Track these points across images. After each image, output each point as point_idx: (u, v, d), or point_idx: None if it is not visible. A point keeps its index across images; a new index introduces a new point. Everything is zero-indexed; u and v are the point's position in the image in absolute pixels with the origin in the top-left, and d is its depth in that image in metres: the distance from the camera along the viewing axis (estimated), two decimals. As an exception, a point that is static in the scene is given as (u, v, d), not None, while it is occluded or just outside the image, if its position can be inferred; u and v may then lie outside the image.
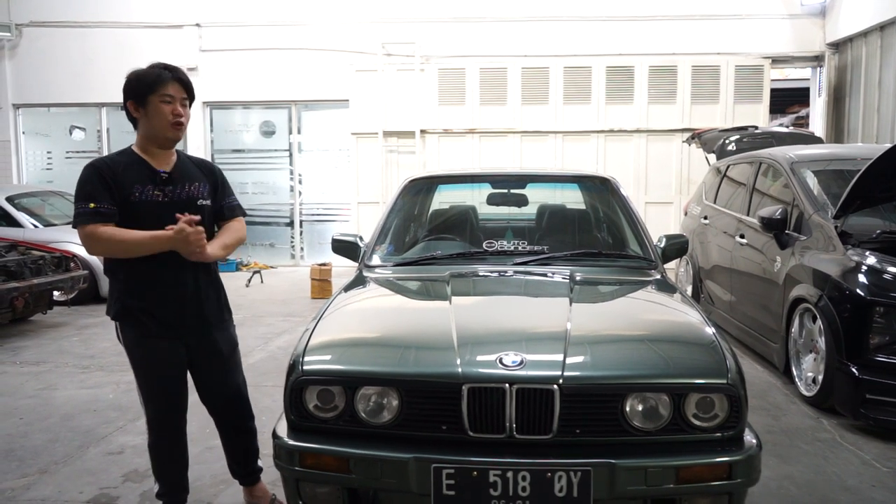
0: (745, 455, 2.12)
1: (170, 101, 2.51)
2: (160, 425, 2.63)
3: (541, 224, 3.95)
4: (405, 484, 2.08)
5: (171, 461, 2.69)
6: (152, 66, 2.56)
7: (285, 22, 10.45)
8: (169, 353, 2.58)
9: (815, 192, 4.73)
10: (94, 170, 2.51)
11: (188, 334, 2.61)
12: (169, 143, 2.60)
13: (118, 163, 2.54)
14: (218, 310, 2.70)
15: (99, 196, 2.45)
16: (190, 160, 2.73)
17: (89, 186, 2.48)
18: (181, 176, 2.60)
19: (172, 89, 2.52)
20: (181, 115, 2.54)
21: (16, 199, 8.31)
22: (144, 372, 2.59)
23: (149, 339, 2.55)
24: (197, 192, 2.61)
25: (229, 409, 2.77)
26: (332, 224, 10.91)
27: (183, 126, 2.56)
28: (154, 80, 2.51)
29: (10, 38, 10.87)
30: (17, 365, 5.31)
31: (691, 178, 9.52)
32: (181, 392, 2.64)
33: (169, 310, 2.55)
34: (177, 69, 2.58)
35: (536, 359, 2.20)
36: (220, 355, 2.69)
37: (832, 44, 9.83)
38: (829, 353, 3.92)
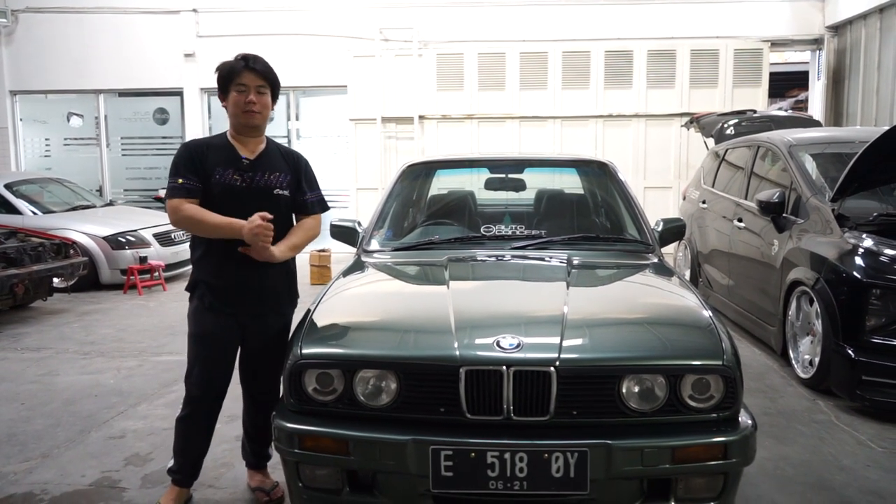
0: (741, 435, 2.14)
1: (243, 90, 2.62)
2: (196, 399, 2.71)
3: (539, 209, 3.96)
4: (404, 465, 2.11)
5: (195, 439, 2.75)
6: (232, 59, 2.67)
7: (282, 7, 10.39)
8: (222, 329, 2.67)
9: (812, 175, 4.73)
10: (185, 148, 2.69)
11: (245, 315, 2.69)
12: (247, 130, 2.68)
13: (210, 144, 2.70)
14: (278, 297, 2.77)
15: (185, 172, 2.60)
16: (279, 150, 2.80)
17: (179, 163, 2.63)
18: (263, 164, 2.68)
19: (246, 78, 2.62)
20: (252, 101, 2.61)
21: (14, 186, 8.30)
22: (196, 344, 2.70)
23: (205, 312, 2.66)
24: (276, 182, 2.69)
25: (264, 392, 2.82)
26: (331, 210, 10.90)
27: (254, 113, 2.63)
28: (229, 72, 2.64)
29: (6, 25, 10.81)
30: (18, 351, 5.33)
31: (690, 162, 9.51)
32: (224, 372, 2.73)
33: (230, 289, 2.64)
34: (252, 58, 2.66)
35: (533, 341, 2.22)
36: (270, 341, 2.75)
37: (831, 26, 9.79)
38: (825, 335, 3.94)
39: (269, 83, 2.67)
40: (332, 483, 2.25)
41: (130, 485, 3.01)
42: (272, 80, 2.69)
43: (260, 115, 2.66)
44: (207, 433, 2.80)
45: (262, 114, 2.67)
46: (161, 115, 11.18)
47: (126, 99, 11.23)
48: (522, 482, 2.07)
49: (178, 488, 2.77)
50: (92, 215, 8.32)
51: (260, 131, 2.74)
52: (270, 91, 2.69)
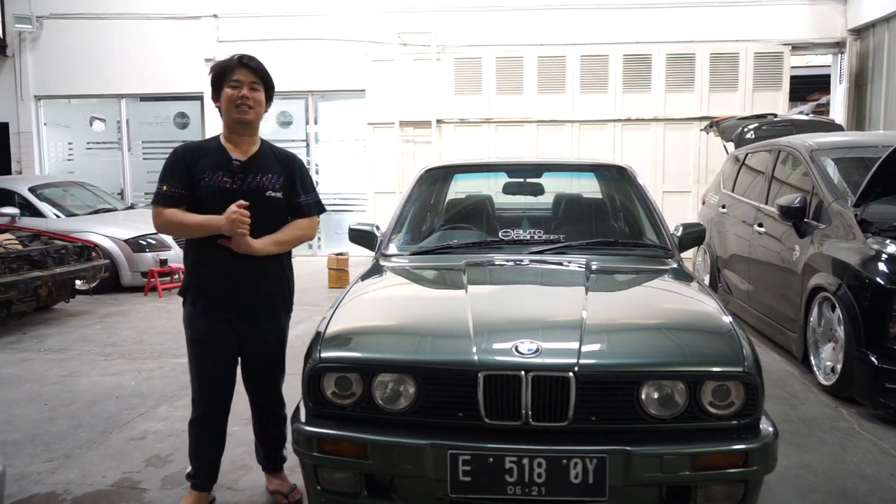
0: (761, 443, 2.12)
1: (237, 86, 2.62)
2: (203, 404, 2.73)
3: (557, 213, 3.95)
4: (422, 470, 2.11)
5: (207, 442, 2.77)
6: (223, 59, 2.70)
7: (302, 12, 10.46)
8: (217, 334, 2.67)
9: (834, 180, 4.68)
10: (173, 154, 2.68)
11: (238, 319, 2.68)
12: (240, 128, 2.66)
13: (201, 148, 2.69)
14: (272, 301, 2.74)
15: (170, 179, 2.62)
16: (273, 151, 2.78)
17: (167, 169, 2.65)
18: (255, 166, 2.66)
19: (240, 74, 2.62)
20: (246, 96, 2.61)
21: (38, 189, 8.43)
22: (193, 349, 2.71)
23: (200, 317, 2.66)
24: (268, 184, 2.66)
25: (267, 397, 2.84)
26: (348, 214, 10.94)
27: (247, 108, 2.62)
28: (223, 69, 2.65)
29: (31, 31, 10.99)
30: (41, 352, 5.40)
31: (709, 166, 9.43)
32: (225, 374, 2.73)
33: (221, 293, 2.64)
34: (246, 56, 2.67)
35: (552, 346, 2.21)
36: (266, 344, 2.76)
37: (854, 29, 9.68)
38: (848, 342, 3.89)
39: (262, 81, 2.66)
40: (350, 487, 2.25)
41: (151, 486, 3.04)
42: (266, 78, 2.69)
43: (253, 111, 2.64)
44: (219, 435, 2.80)
45: (256, 110, 2.64)
46: (181, 120, 11.29)
47: (147, 103, 11.36)
48: (541, 488, 2.06)
49: (197, 493, 2.78)
50: (113, 218, 8.42)
51: (253, 130, 2.71)
52: (264, 90, 2.68)
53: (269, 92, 2.72)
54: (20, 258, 6.09)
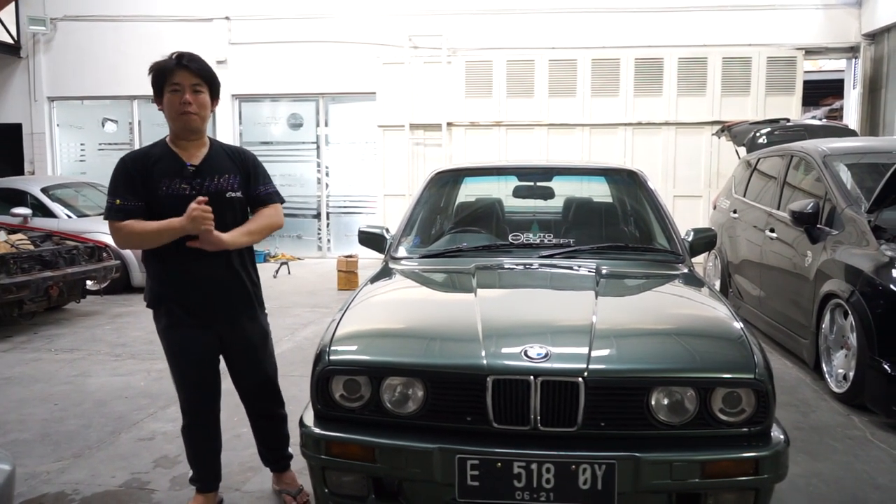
0: (773, 451, 2.10)
1: (177, 90, 2.48)
2: (192, 411, 2.70)
3: (567, 217, 3.93)
4: (430, 474, 2.10)
5: (203, 447, 2.75)
6: (162, 59, 2.52)
7: (313, 15, 10.50)
8: (198, 341, 2.62)
9: (847, 185, 4.64)
10: (122, 165, 2.54)
11: (218, 324, 2.64)
12: (186, 133, 2.55)
13: (150, 156, 2.55)
14: (248, 301, 2.69)
15: (123, 192, 2.49)
16: (223, 150, 2.67)
17: (116, 182, 2.53)
18: (210, 168, 2.56)
19: (179, 77, 2.47)
20: (188, 102, 2.47)
21: (50, 190, 8.48)
22: (175, 359, 2.65)
23: (178, 327, 2.59)
24: (226, 185, 2.57)
25: (259, 397, 2.82)
26: (358, 216, 10.97)
27: (191, 115, 2.49)
28: (161, 72, 2.50)
29: (45, 32, 11.08)
30: (51, 352, 5.43)
31: (721, 171, 9.39)
32: (211, 379, 2.69)
33: (198, 300, 2.58)
34: (186, 56, 2.50)
35: (561, 351, 2.20)
36: (250, 345, 2.72)
37: (868, 34, 9.61)
38: (860, 349, 3.86)
39: (205, 81, 2.51)
40: (357, 490, 2.25)
41: (159, 486, 3.04)
42: (208, 77, 2.52)
43: (198, 116, 2.50)
44: (214, 438, 2.78)
45: (201, 114, 2.51)
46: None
47: (159, 105, 11.42)
48: (549, 493, 2.05)
49: (202, 495, 2.78)
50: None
51: (200, 134, 2.58)
52: (208, 90, 2.53)
53: (213, 89, 2.55)
54: (32, 258, 6.13)
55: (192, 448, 2.75)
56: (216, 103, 2.62)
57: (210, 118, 2.64)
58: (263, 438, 2.90)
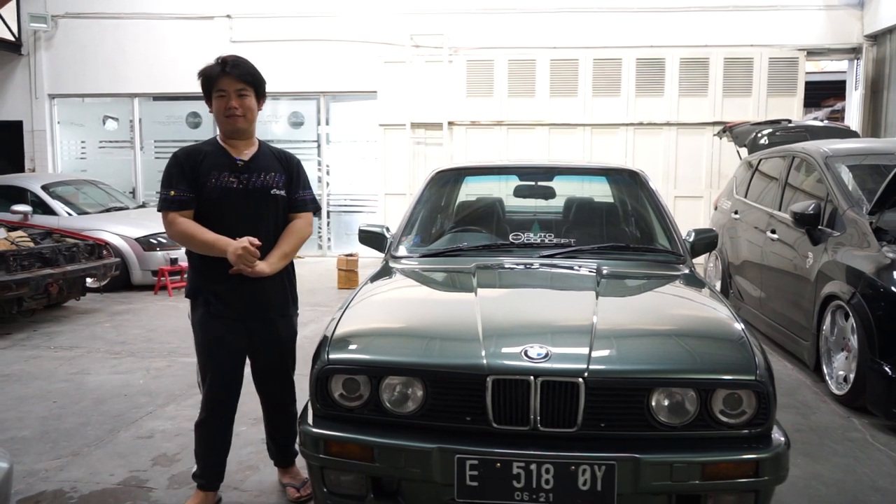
0: (773, 453, 2.10)
1: (223, 96, 2.61)
2: (212, 404, 2.74)
3: (568, 217, 3.92)
4: (429, 474, 2.09)
5: (214, 442, 2.78)
6: (209, 65, 2.64)
7: (314, 13, 10.48)
8: (230, 335, 2.68)
9: (849, 187, 4.63)
10: (174, 159, 2.66)
11: (251, 319, 2.70)
12: (234, 135, 2.67)
13: (200, 151, 2.68)
14: (283, 301, 2.79)
15: (176, 184, 2.62)
16: (271, 151, 2.81)
17: (170, 176, 2.64)
18: (257, 166, 2.68)
19: (224, 83, 2.60)
20: (234, 107, 2.59)
21: (51, 187, 8.48)
22: (205, 350, 2.71)
23: (213, 319, 2.67)
24: (272, 182, 2.69)
25: (278, 394, 2.87)
26: (359, 215, 10.95)
27: (237, 118, 2.61)
28: (207, 79, 2.63)
29: (46, 30, 11.07)
30: (51, 350, 5.43)
31: (722, 172, 9.38)
32: (237, 374, 2.75)
33: (235, 295, 2.65)
34: (230, 62, 2.61)
35: (562, 352, 2.19)
36: (279, 343, 2.78)
37: (870, 35, 9.59)
38: (861, 351, 3.85)
39: (249, 85, 2.63)
40: (356, 489, 2.24)
41: (158, 485, 3.04)
42: (253, 81, 2.64)
43: (244, 119, 2.63)
44: (226, 436, 2.82)
45: (247, 117, 2.64)
46: (193, 119, 11.33)
47: (160, 103, 11.41)
48: (548, 494, 2.04)
49: (203, 493, 2.79)
50: (125, 217, 8.46)
51: (248, 134, 2.71)
52: (254, 92, 2.65)
53: (258, 90, 2.68)
54: (32, 256, 6.12)
55: (204, 443, 2.78)
56: (262, 103, 2.75)
57: (257, 118, 2.74)
58: (274, 433, 2.94)
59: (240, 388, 2.78)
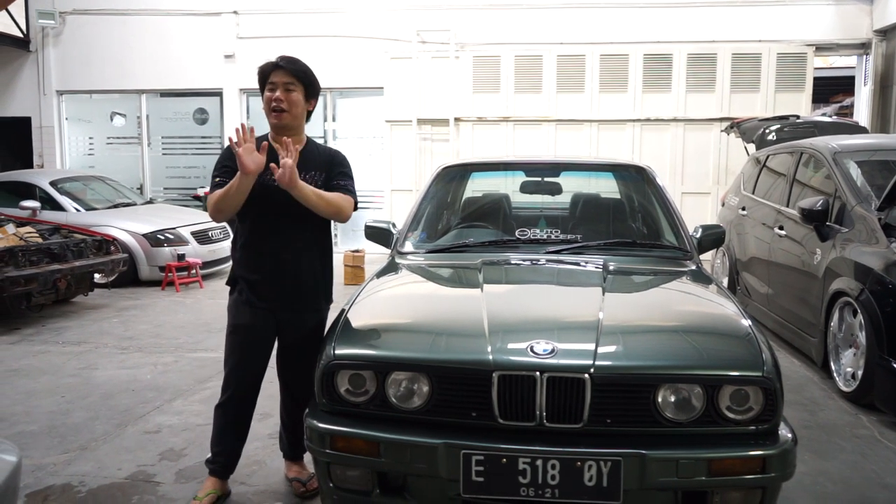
0: (780, 449, 2.09)
1: (272, 88, 2.64)
2: (232, 387, 2.77)
3: (574, 213, 3.92)
4: (434, 469, 2.10)
5: (231, 427, 2.81)
6: (266, 63, 2.69)
7: (321, 9, 10.49)
8: (259, 323, 2.72)
9: (858, 183, 4.60)
10: (227, 149, 2.68)
11: (282, 311, 2.74)
12: (280, 130, 2.68)
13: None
14: (316, 294, 2.82)
15: (221, 172, 2.66)
16: (318, 150, 2.82)
17: (219, 161, 2.71)
18: (301, 164, 2.66)
19: (275, 76, 2.64)
20: (280, 99, 2.62)
21: (59, 183, 8.51)
22: (233, 333, 2.76)
23: (244, 305, 2.72)
24: (312, 181, 2.69)
25: (300, 386, 2.86)
26: (365, 211, 10.95)
27: (281, 112, 2.63)
28: (262, 73, 2.69)
29: (54, 26, 11.10)
30: (59, 345, 5.45)
31: (729, 168, 9.33)
32: (260, 362, 2.78)
33: (268, 284, 2.69)
34: (285, 58, 2.68)
35: (568, 347, 2.19)
36: (307, 336, 2.79)
37: (880, 30, 9.53)
38: (869, 348, 3.83)
39: (298, 80, 2.66)
40: (362, 484, 2.25)
41: (165, 479, 3.05)
42: (303, 77, 2.67)
43: (288, 114, 2.64)
44: (244, 423, 2.85)
45: (291, 112, 2.65)
46: (201, 116, 11.36)
47: (167, 99, 11.44)
48: (554, 490, 2.04)
49: (214, 479, 2.82)
50: (132, 213, 8.49)
51: (295, 131, 2.72)
52: (303, 89, 2.68)
53: (308, 89, 2.71)
54: (40, 251, 6.15)
55: (221, 426, 2.81)
56: (313, 104, 2.76)
57: (306, 118, 2.75)
58: (290, 425, 2.95)
59: (261, 378, 2.81)
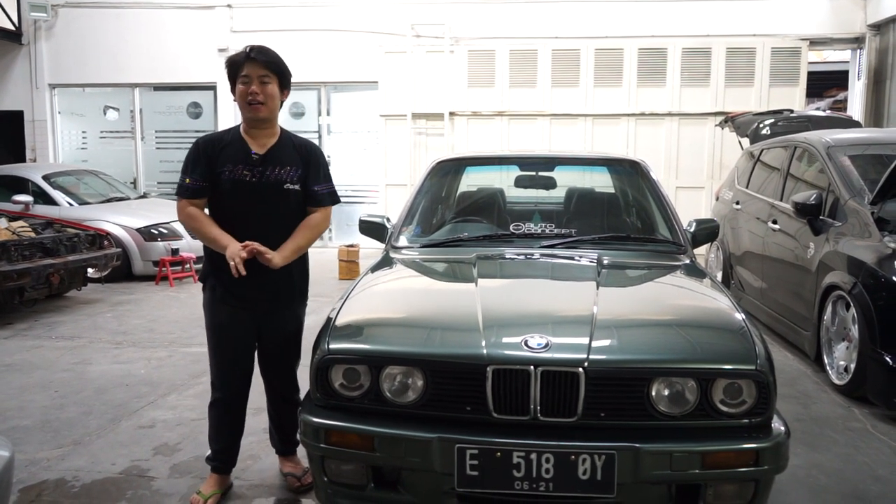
0: (773, 442, 2.10)
1: (246, 82, 2.61)
2: (220, 386, 2.77)
3: (569, 207, 3.92)
4: (429, 463, 2.10)
5: (226, 424, 2.80)
6: (236, 52, 2.66)
7: (315, 3, 10.43)
8: (235, 321, 2.70)
9: (851, 177, 4.62)
10: (195, 147, 2.68)
11: (258, 309, 2.71)
12: (255, 123, 2.66)
13: (221, 140, 2.69)
14: (291, 293, 2.78)
15: (192, 172, 2.64)
16: (292, 142, 2.76)
17: (188, 162, 2.67)
18: (273, 158, 2.65)
19: (247, 69, 2.60)
20: (255, 92, 2.58)
21: (52, 177, 8.47)
22: (212, 333, 2.75)
23: (218, 304, 2.70)
24: (286, 176, 2.66)
25: (282, 382, 2.88)
26: (360, 206, 10.94)
27: (258, 105, 2.60)
28: (233, 66, 2.65)
29: (46, 19, 11.03)
30: (52, 339, 5.44)
31: (724, 162, 9.36)
32: (244, 359, 2.77)
33: (241, 284, 2.63)
34: (255, 49, 2.63)
35: (562, 342, 2.19)
36: (284, 333, 2.79)
37: (873, 25, 9.55)
38: (862, 341, 3.85)
39: (273, 72, 2.62)
40: (356, 478, 2.25)
41: (159, 474, 3.05)
42: (277, 69, 2.64)
43: (265, 107, 2.61)
44: (237, 419, 2.84)
45: (268, 104, 2.62)
46: (194, 109, 11.31)
47: (160, 93, 11.39)
48: (548, 483, 2.04)
49: (216, 476, 2.82)
50: (126, 207, 8.46)
51: (269, 123, 2.69)
52: (278, 81, 2.65)
53: (282, 80, 2.68)
54: (33, 246, 6.12)
55: (216, 425, 2.81)
56: (286, 94, 2.73)
57: (279, 108, 2.73)
58: (278, 421, 2.95)
59: (248, 372, 2.81)
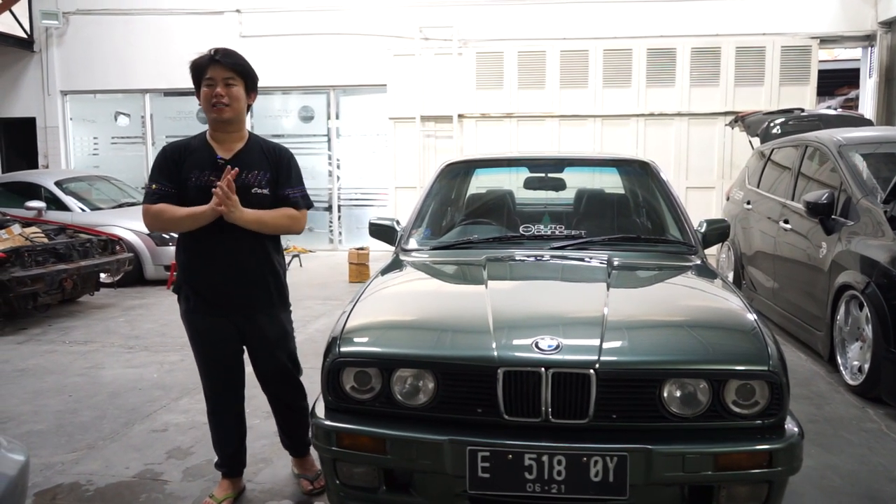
0: (786, 443, 2.08)
1: (211, 84, 2.57)
2: (213, 396, 2.78)
3: (578, 208, 3.91)
4: (440, 465, 2.10)
5: (226, 432, 2.81)
6: (199, 55, 2.61)
7: (324, 7, 10.48)
8: (213, 329, 2.68)
9: (863, 175, 4.58)
10: (162, 153, 2.66)
11: (234, 315, 2.68)
12: (220, 126, 2.63)
13: (188, 147, 2.65)
14: (266, 298, 2.71)
15: (159, 178, 2.60)
16: (260, 146, 2.71)
17: (155, 168, 2.64)
18: (240, 163, 2.59)
19: (212, 71, 2.56)
20: (220, 94, 2.54)
21: (64, 183, 8.54)
22: (193, 344, 2.75)
23: (194, 313, 2.68)
24: (254, 181, 2.61)
25: (278, 388, 2.86)
26: (369, 208, 10.97)
27: (223, 107, 2.56)
28: (196, 68, 2.59)
29: (57, 27, 11.13)
30: (66, 344, 5.47)
31: (734, 162, 9.32)
32: (230, 366, 2.75)
33: (213, 290, 2.63)
34: (220, 51, 2.59)
35: (573, 343, 2.19)
36: (265, 339, 2.75)
37: (885, 22, 9.48)
38: (876, 341, 3.81)
39: (238, 75, 2.58)
40: (368, 481, 2.25)
41: (172, 478, 3.06)
42: (242, 71, 2.59)
43: (230, 109, 2.56)
44: (238, 423, 2.84)
45: (233, 107, 2.57)
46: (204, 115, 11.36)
47: (171, 98, 11.45)
48: (560, 485, 2.04)
49: (227, 480, 2.84)
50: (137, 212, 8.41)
51: (235, 127, 2.64)
52: (243, 83, 2.60)
53: (248, 82, 2.62)
54: (46, 251, 6.18)
55: (216, 433, 2.82)
56: (253, 97, 2.70)
57: (246, 111, 2.69)
58: (284, 426, 2.95)
59: (238, 379, 2.78)
